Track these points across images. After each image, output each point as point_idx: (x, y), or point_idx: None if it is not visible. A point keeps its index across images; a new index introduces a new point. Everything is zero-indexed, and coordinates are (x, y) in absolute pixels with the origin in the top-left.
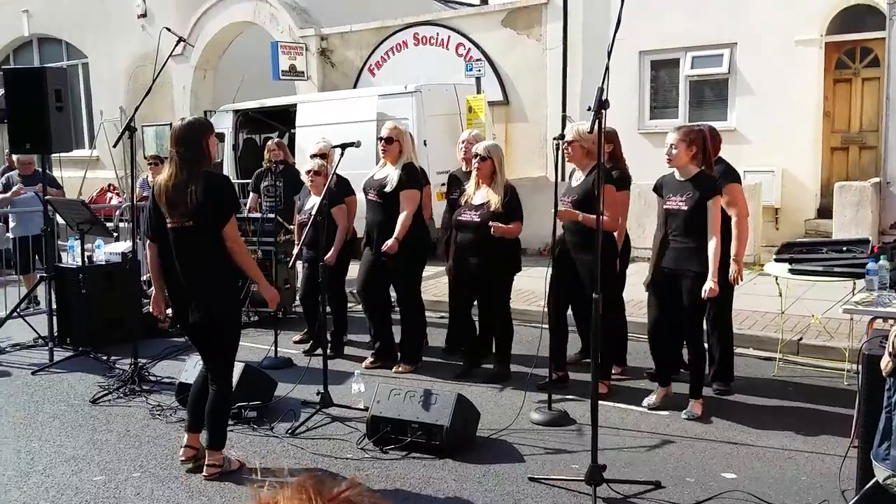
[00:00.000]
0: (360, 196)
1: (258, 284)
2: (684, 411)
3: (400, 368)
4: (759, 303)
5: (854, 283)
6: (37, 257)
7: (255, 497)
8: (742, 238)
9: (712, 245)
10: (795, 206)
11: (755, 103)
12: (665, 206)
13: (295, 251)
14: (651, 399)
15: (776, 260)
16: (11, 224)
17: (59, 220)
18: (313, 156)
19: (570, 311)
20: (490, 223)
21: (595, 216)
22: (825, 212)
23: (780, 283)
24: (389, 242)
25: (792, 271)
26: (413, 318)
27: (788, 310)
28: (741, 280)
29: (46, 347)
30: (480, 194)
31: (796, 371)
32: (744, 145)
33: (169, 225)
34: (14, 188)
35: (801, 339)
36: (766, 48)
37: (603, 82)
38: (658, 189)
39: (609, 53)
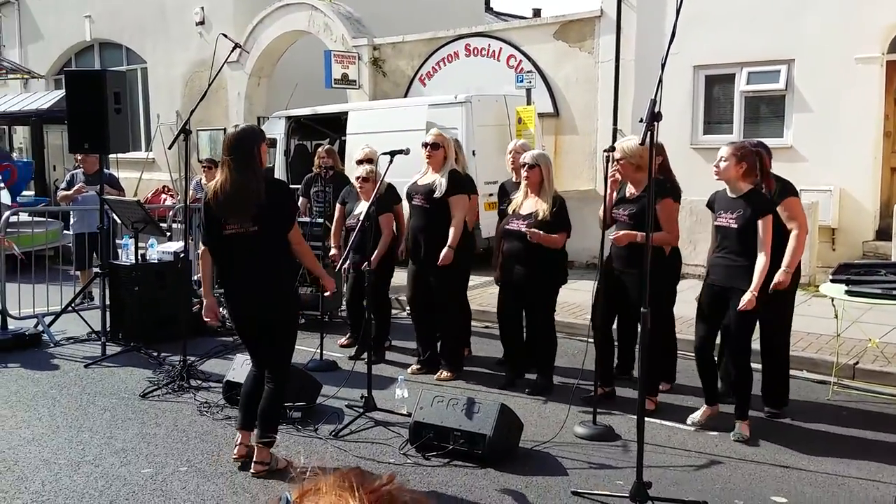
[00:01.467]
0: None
1: (322, 277)
2: (732, 433)
3: (442, 375)
4: (814, 324)
5: None
6: (94, 254)
7: (298, 483)
8: (798, 250)
9: (760, 262)
10: (853, 227)
11: (813, 121)
12: (715, 223)
13: (340, 255)
14: (696, 416)
15: (832, 281)
16: (72, 220)
17: (116, 218)
18: (359, 161)
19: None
20: (526, 228)
21: (650, 234)
22: (884, 234)
23: (837, 304)
24: (445, 253)
25: (849, 293)
26: (456, 324)
27: (844, 333)
28: (783, 287)
29: (99, 342)
30: (528, 203)
31: (851, 396)
32: (800, 163)
33: (228, 231)
34: (76, 185)
35: (857, 363)
36: (825, 65)
37: (656, 94)
38: (711, 205)
39: (663, 66)
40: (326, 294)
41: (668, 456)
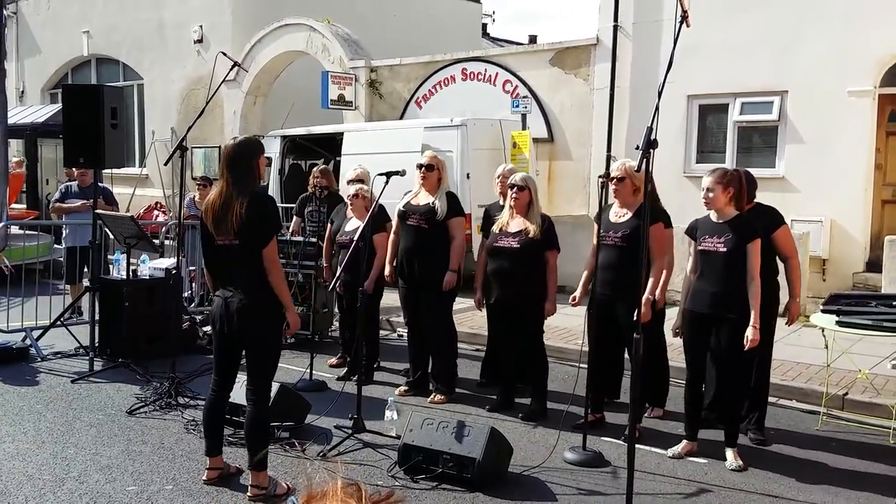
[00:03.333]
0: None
1: (287, 309)
2: (728, 462)
3: (436, 398)
4: (804, 354)
5: None
6: (85, 268)
7: (307, 485)
8: (799, 278)
9: (752, 290)
10: (844, 258)
11: (805, 152)
12: (700, 248)
13: (333, 275)
14: (677, 449)
15: (823, 311)
16: (64, 234)
17: (108, 233)
18: (350, 181)
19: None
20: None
21: (644, 254)
22: (874, 265)
23: (827, 335)
24: (448, 277)
25: (839, 323)
26: (448, 347)
27: (834, 363)
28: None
29: (87, 357)
30: (516, 223)
31: (840, 426)
32: (792, 194)
33: (217, 242)
34: (80, 202)
35: (846, 393)
36: (818, 97)
37: (652, 122)
38: (691, 231)
39: (660, 93)
40: (287, 330)
41: (658, 483)
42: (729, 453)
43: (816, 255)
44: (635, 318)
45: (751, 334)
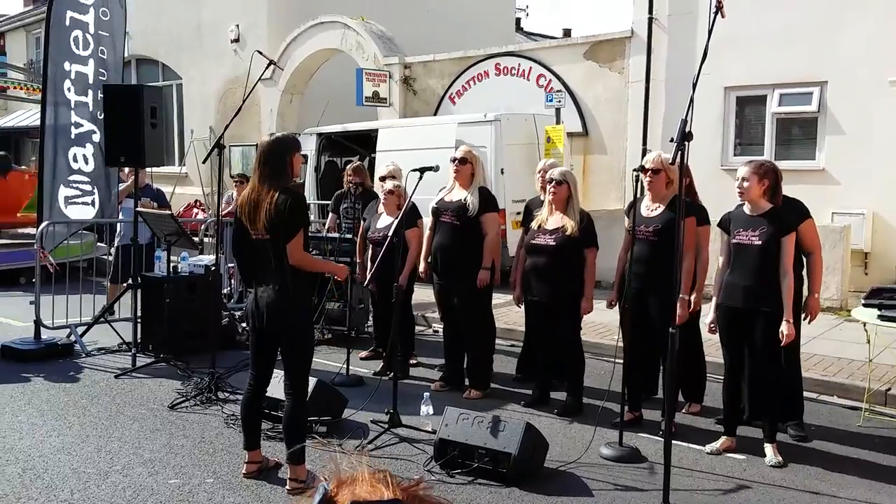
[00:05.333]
0: (425, 220)
1: (331, 270)
2: (767, 458)
3: (471, 394)
4: (845, 349)
5: None
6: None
7: (336, 470)
8: (820, 273)
9: (786, 284)
10: (886, 251)
11: (845, 143)
12: (734, 241)
13: (370, 272)
14: (715, 445)
15: (865, 305)
16: (119, 233)
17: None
18: (383, 178)
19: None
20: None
21: (680, 250)
22: None
23: (869, 329)
24: (482, 274)
25: (881, 317)
26: (483, 342)
27: (877, 358)
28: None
29: (129, 353)
30: (554, 219)
31: (884, 422)
32: (832, 186)
33: (252, 237)
34: (143, 199)
35: (889, 389)
36: (858, 87)
37: (687, 114)
38: (724, 224)
39: (694, 85)
40: (339, 279)
41: (696, 479)
42: (768, 449)
43: (858, 248)
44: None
45: (786, 329)
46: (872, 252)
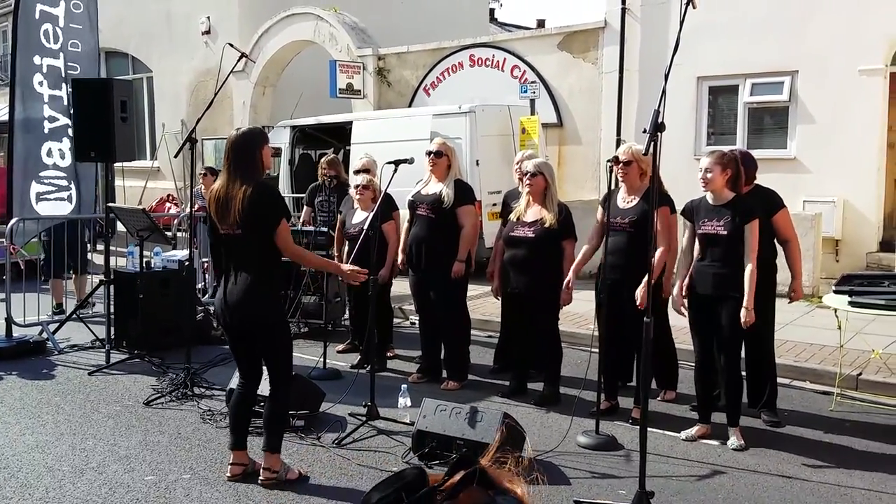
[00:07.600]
0: (402, 212)
1: (338, 272)
2: (729, 441)
3: (449, 385)
4: (817, 335)
5: None
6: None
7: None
8: (799, 260)
9: (748, 271)
10: (856, 239)
11: (816, 132)
12: (700, 231)
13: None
14: (690, 432)
15: (835, 292)
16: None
17: (120, 227)
18: (357, 171)
19: None
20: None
21: (653, 240)
22: (888, 245)
23: (840, 315)
24: (456, 266)
25: (852, 304)
26: (460, 333)
27: (847, 344)
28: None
29: (103, 349)
30: (532, 211)
31: (854, 407)
32: (804, 174)
33: (222, 232)
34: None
35: (860, 374)
36: (829, 77)
37: (659, 105)
38: (688, 213)
39: (666, 76)
40: (355, 283)
41: (671, 466)
42: (731, 432)
43: (829, 235)
44: (638, 303)
45: (744, 315)
46: (843, 239)
